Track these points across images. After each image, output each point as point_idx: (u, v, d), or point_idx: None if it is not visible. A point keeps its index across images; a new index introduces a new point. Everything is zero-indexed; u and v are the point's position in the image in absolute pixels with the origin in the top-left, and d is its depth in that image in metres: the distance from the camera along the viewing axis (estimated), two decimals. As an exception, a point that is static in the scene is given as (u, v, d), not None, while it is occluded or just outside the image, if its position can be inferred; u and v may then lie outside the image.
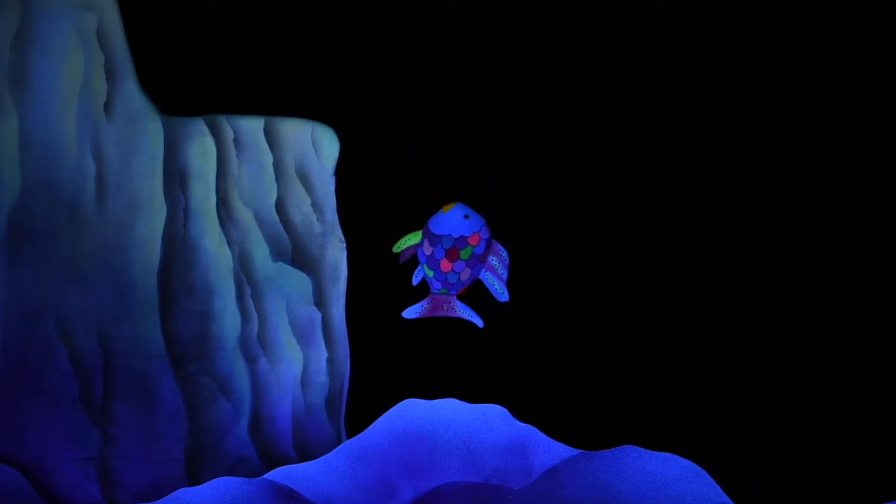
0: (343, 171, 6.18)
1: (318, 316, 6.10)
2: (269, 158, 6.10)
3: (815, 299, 5.92)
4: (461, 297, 5.54)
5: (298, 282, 6.07)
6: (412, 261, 5.62)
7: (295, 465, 5.65)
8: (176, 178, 5.94)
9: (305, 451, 5.97)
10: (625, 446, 5.55)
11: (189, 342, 5.86)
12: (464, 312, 5.51)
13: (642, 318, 6.02)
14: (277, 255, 6.06)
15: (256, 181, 6.08)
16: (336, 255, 6.19)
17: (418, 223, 5.89)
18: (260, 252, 6.04)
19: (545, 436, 5.69)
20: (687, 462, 5.50)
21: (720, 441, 5.78)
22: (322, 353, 6.10)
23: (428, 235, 5.49)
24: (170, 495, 5.44)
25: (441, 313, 5.55)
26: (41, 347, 5.64)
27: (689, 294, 6.01)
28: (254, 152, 6.08)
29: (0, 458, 5.59)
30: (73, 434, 5.63)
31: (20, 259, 5.65)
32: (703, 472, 5.47)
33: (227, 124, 6.05)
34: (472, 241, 5.45)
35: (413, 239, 5.59)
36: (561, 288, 6.08)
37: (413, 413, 5.75)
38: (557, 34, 6.09)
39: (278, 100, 6.10)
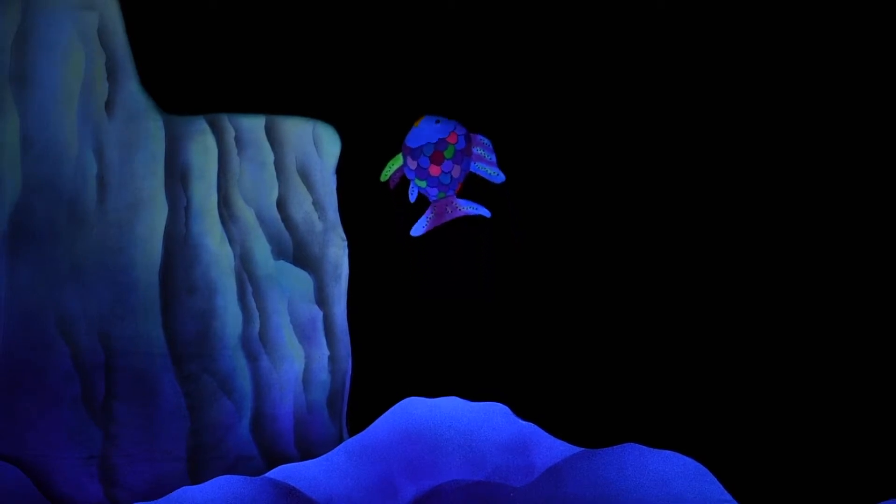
0: (344, 169, 6.18)
1: (319, 314, 6.10)
2: (271, 157, 6.10)
3: (816, 298, 5.92)
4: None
5: (300, 280, 6.07)
6: (404, 184, 5.57)
7: (296, 464, 5.65)
8: (177, 176, 5.94)
9: (307, 450, 5.97)
10: (626, 444, 5.54)
11: (190, 341, 5.86)
12: (468, 208, 5.48)
13: (644, 317, 6.02)
14: (279, 253, 6.06)
15: (258, 180, 6.08)
16: (337, 253, 6.19)
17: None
18: (261, 250, 6.03)
19: (547, 434, 5.68)
20: (688, 460, 5.49)
21: (722, 439, 5.77)
22: (324, 352, 6.10)
23: (409, 152, 5.46)
24: (171, 494, 5.45)
25: (447, 217, 5.51)
26: (43, 346, 5.64)
27: (691, 293, 6.00)
28: (255, 151, 6.09)
29: (2, 457, 5.60)
30: (74, 433, 5.64)
31: (21, 258, 5.66)
32: (705, 470, 5.45)
33: (229, 123, 6.05)
34: (451, 139, 5.42)
35: (396, 163, 5.56)
36: (563, 287, 6.08)
37: (414, 411, 5.74)
38: (557, 33, 6.09)
39: (279, 98, 6.10)
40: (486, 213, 5.46)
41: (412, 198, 5.60)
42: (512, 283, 5.99)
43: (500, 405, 5.75)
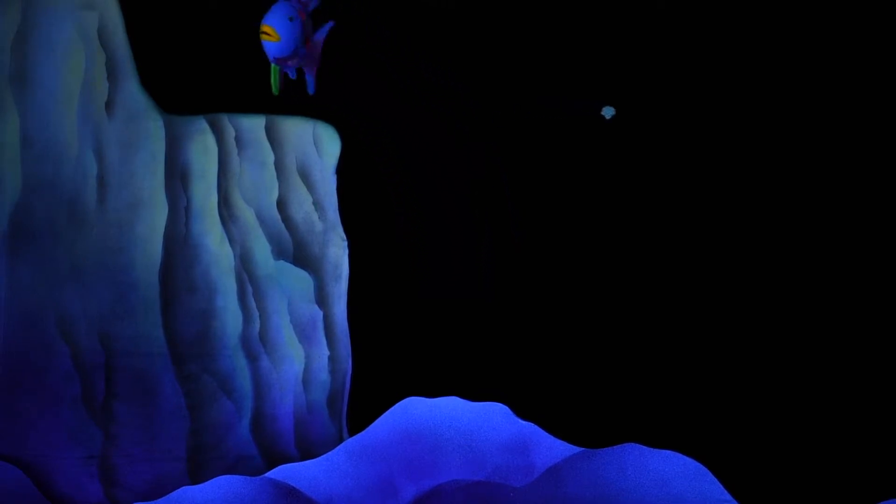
0: (344, 169, 6.18)
1: (319, 314, 6.10)
2: (271, 157, 6.10)
3: (817, 297, 5.91)
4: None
5: (300, 280, 6.07)
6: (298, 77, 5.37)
7: (296, 464, 5.65)
8: (177, 176, 5.94)
9: (307, 450, 5.97)
10: (626, 444, 5.54)
11: (190, 341, 5.86)
12: (322, 35, 5.19)
13: (644, 316, 6.02)
14: (279, 253, 6.06)
15: (258, 180, 6.08)
16: (337, 253, 6.19)
17: (422, 222, 5.90)
18: (261, 250, 6.03)
19: (547, 434, 5.68)
20: (689, 460, 5.48)
21: (723, 439, 5.77)
22: (324, 352, 6.10)
23: (286, 61, 5.07)
24: (171, 494, 5.44)
25: (317, 55, 5.18)
26: (42, 346, 5.64)
27: (692, 291, 6.00)
28: (255, 151, 6.08)
29: (2, 457, 5.60)
30: (74, 433, 5.64)
31: (21, 258, 5.66)
32: (705, 470, 5.45)
33: (229, 123, 6.05)
34: (303, 18, 5.14)
35: (277, 75, 5.23)
36: (563, 285, 6.08)
37: (414, 411, 5.74)
38: (556, 33, 6.09)
39: (279, 98, 6.09)
40: (330, 24, 5.19)
41: (311, 87, 5.23)
42: (512, 283, 5.99)
43: (499, 405, 5.74)
